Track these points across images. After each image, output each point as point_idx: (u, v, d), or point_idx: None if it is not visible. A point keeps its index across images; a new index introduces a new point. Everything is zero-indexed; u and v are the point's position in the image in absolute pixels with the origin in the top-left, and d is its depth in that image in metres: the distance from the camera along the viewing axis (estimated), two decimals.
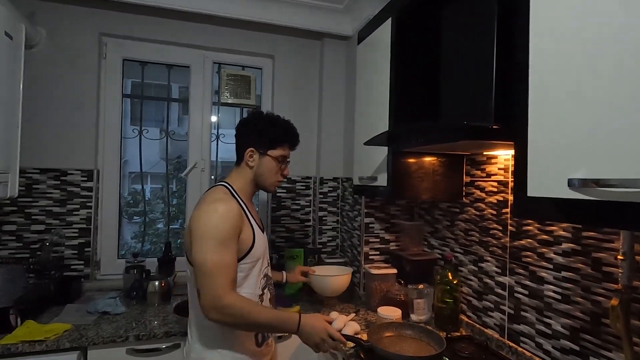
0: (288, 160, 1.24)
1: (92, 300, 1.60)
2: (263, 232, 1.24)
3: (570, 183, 0.65)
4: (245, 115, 2.22)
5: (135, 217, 2.27)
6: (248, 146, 1.18)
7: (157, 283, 1.68)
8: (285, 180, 1.29)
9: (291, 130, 1.23)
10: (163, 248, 1.92)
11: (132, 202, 2.48)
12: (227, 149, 2.20)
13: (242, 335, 1.11)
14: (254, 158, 1.18)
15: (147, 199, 2.32)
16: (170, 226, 2.23)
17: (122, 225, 2.04)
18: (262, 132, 1.18)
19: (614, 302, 0.86)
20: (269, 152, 1.17)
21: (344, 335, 1.14)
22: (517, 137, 0.79)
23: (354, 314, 1.58)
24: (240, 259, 1.10)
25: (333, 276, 1.62)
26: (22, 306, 1.40)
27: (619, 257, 0.88)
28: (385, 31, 1.44)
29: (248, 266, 1.12)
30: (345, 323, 1.41)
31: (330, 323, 1.43)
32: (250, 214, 1.17)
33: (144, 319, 1.51)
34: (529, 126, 0.76)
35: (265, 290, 1.20)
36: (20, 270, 1.58)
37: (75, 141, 1.83)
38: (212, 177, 2.13)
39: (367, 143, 1.36)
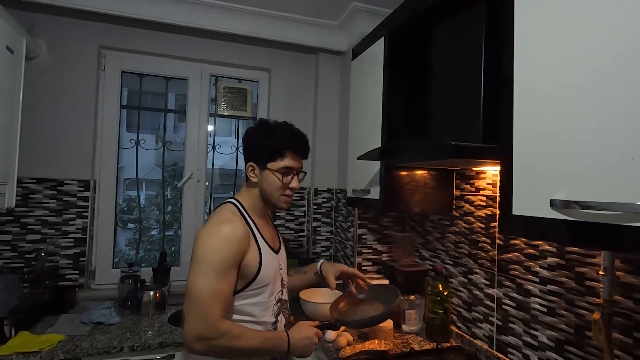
0: (301, 170, 1.12)
1: (87, 310, 1.59)
2: (277, 252, 1.13)
3: (552, 204, 0.66)
4: (241, 125, 2.25)
5: (129, 224, 2.26)
6: (248, 161, 1.10)
7: (151, 293, 1.67)
8: (294, 194, 1.14)
9: (293, 138, 1.09)
10: (158, 256, 1.90)
11: (126, 208, 2.45)
12: (223, 159, 2.23)
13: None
14: (255, 173, 1.09)
15: (142, 206, 2.32)
16: (165, 233, 2.20)
17: (116, 233, 2.02)
18: (260, 144, 1.07)
19: (596, 315, 0.88)
20: (269, 165, 1.06)
21: (319, 327, 1.11)
22: (503, 157, 0.80)
23: None
24: (246, 286, 1.01)
25: (324, 303, 1.57)
26: (17, 316, 1.38)
27: (600, 272, 0.90)
28: (378, 48, 1.46)
29: (255, 292, 1.03)
30: (338, 334, 1.41)
31: (323, 333, 1.44)
32: (261, 233, 1.08)
33: (139, 329, 1.50)
34: (514, 147, 0.77)
35: (280, 317, 1.11)
36: (14, 280, 1.56)
37: (73, 151, 1.82)
38: (207, 183, 2.13)
39: (361, 157, 1.36)
